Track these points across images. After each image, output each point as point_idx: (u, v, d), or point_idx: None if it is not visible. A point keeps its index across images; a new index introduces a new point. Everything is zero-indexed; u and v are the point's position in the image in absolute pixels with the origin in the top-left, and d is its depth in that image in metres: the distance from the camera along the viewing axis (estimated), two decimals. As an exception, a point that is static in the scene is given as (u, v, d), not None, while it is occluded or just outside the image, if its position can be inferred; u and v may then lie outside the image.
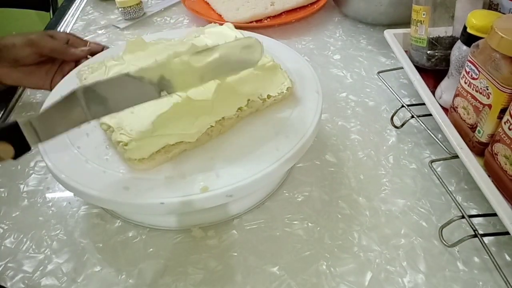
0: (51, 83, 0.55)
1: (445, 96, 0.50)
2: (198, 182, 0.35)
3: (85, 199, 0.41)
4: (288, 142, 0.38)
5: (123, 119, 0.38)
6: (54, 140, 0.32)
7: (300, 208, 0.43)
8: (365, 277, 0.37)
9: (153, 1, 0.87)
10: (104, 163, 0.37)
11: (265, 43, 0.51)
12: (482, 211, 0.42)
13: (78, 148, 0.38)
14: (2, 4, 1.12)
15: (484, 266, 0.38)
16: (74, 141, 0.39)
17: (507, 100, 0.39)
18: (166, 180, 0.35)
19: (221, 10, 0.77)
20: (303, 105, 0.43)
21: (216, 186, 0.34)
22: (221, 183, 0.35)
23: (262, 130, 0.40)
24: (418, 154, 0.49)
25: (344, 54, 0.68)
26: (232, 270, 0.38)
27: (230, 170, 0.36)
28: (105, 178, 0.36)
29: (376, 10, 0.70)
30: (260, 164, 0.36)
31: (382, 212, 0.43)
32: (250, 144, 0.38)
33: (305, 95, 0.44)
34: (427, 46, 0.54)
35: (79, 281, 0.38)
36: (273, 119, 0.41)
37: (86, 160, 0.37)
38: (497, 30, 0.37)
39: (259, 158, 0.37)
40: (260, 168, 0.36)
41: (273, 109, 0.42)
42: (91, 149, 0.38)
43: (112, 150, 0.38)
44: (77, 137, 0.39)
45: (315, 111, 0.42)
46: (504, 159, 0.39)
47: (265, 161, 0.36)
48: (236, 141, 0.39)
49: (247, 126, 0.40)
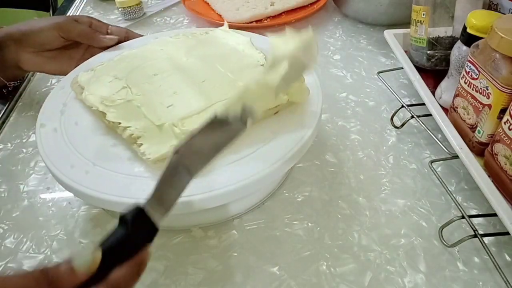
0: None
1: (445, 96, 0.50)
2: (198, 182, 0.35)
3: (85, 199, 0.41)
4: (288, 142, 0.38)
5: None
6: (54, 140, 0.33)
7: (300, 208, 0.43)
8: (365, 277, 0.37)
9: (153, 1, 0.87)
10: (104, 163, 0.37)
11: (265, 43, 0.52)
12: (482, 211, 0.42)
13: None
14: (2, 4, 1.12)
15: (484, 266, 0.38)
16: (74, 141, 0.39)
17: (507, 100, 0.39)
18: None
19: (221, 10, 0.77)
20: (303, 105, 0.43)
21: (216, 187, 0.34)
22: (221, 183, 0.35)
23: (262, 131, 0.40)
24: (418, 154, 0.49)
25: (344, 54, 0.68)
26: (232, 270, 0.38)
27: (230, 170, 0.36)
28: (105, 178, 0.36)
29: (376, 10, 0.70)
30: (260, 165, 0.36)
31: (382, 212, 0.43)
32: (250, 144, 0.38)
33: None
34: (427, 46, 0.54)
35: (79, 281, 0.37)
36: (272, 119, 0.41)
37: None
38: (497, 30, 0.37)
39: (259, 158, 0.37)
40: (260, 168, 0.36)
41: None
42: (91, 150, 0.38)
43: (112, 150, 0.38)
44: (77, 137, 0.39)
45: (315, 111, 0.42)
46: (504, 159, 0.39)
47: (265, 161, 0.36)
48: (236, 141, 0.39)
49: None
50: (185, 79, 0.43)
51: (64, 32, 0.52)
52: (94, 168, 0.36)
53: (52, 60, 0.54)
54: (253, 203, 0.43)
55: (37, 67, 0.55)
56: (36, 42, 0.52)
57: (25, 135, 0.54)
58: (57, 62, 0.54)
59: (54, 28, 0.52)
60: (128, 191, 0.35)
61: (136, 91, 0.42)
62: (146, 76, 0.44)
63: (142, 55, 0.48)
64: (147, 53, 0.49)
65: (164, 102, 0.40)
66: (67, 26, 0.52)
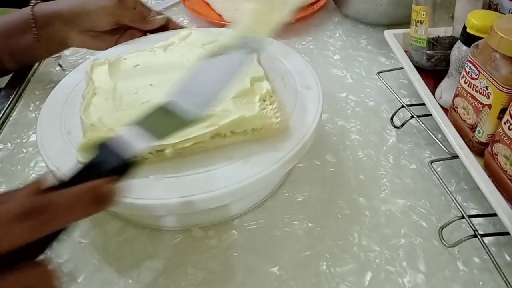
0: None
1: (445, 96, 0.50)
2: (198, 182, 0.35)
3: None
4: (288, 142, 0.38)
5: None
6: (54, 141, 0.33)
7: (300, 208, 0.43)
8: (365, 277, 0.37)
9: (153, 1, 0.87)
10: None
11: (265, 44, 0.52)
12: (482, 211, 0.42)
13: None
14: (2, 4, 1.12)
15: (484, 266, 0.38)
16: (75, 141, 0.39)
17: (507, 100, 0.39)
18: (167, 181, 0.35)
19: (221, 10, 0.77)
20: (303, 105, 0.43)
21: (216, 187, 0.34)
22: (221, 184, 0.35)
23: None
24: (418, 154, 0.49)
25: (344, 54, 0.68)
26: (232, 270, 0.38)
27: (230, 171, 0.36)
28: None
29: (376, 10, 0.70)
30: (260, 165, 0.36)
31: (382, 212, 0.43)
32: (250, 145, 0.38)
33: (304, 95, 0.44)
34: (427, 46, 0.54)
35: (79, 281, 0.37)
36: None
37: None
38: (497, 30, 0.37)
39: (259, 159, 0.37)
40: (260, 169, 0.36)
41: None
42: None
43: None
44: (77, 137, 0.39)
45: (315, 111, 0.42)
46: (504, 159, 0.39)
47: (265, 162, 0.36)
48: (236, 141, 0.39)
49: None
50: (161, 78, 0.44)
51: (116, 18, 0.54)
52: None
53: (96, 39, 0.56)
54: (253, 203, 0.43)
55: (83, 44, 0.57)
56: (87, 24, 0.54)
57: (25, 135, 0.54)
58: (100, 40, 0.56)
59: (106, 13, 0.54)
60: (128, 190, 0.35)
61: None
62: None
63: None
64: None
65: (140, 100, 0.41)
66: (119, 12, 0.54)
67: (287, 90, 0.45)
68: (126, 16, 0.55)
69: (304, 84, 0.45)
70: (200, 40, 0.50)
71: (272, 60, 0.48)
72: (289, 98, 0.43)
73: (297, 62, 0.49)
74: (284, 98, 0.43)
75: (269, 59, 0.48)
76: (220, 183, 0.35)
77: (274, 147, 0.38)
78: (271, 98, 0.41)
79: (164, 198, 0.34)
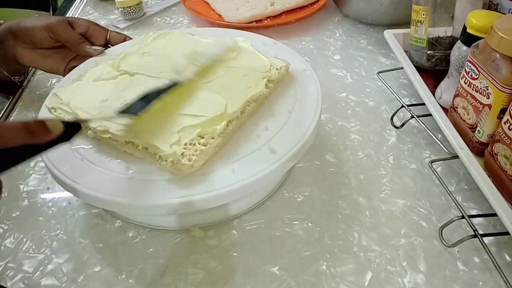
0: (65, 68, 0.55)
1: (445, 96, 0.50)
2: (198, 182, 0.35)
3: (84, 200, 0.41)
4: (287, 142, 0.38)
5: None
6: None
7: (300, 208, 0.43)
8: (365, 277, 0.37)
9: (153, 1, 0.87)
10: (104, 164, 0.37)
11: (265, 43, 0.52)
12: (482, 211, 0.42)
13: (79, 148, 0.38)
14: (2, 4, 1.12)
15: (484, 266, 0.38)
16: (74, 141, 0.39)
17: (507, 100, 0.39)
18: (167, 181, 0.35)
19: (221, 10, 0.77)
20: (303, 105, 0.43)
21: (216, 187, 0.34)
22: (221, 184, 0.35)
23: (262, 131, 0.40)
24: (418, 154, 0.49)
25: (344, 54, 0.68)
26: (232, 270, 0.38)
27: (230, 170, 0.36)
28: (105, 179, 0.36)
29: (376, 10, 0.70)
30: (260, 165, 0.36)
31: (382, 212, 0.43)
32: (250, 145, 0.38)
33: (304, 95, 0.44)
34: (427, 46, 0.54)
35: (79, 281, 0.38)
36: (272, 119, 0.41)
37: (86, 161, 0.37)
38: (497, 30, 0.37)
39: (259, 158, 0.37)
40: (260, 168, 0.36)
41: (272, 109, 0.42)
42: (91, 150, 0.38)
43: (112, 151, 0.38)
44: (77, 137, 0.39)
45: (314, 111, 0.42)
46: (504, 159, 0.39)
47: (265, 161, 0.36)
48: (235, 141, 0.39)
49: (247, 127, 0.40)
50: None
51: (53, 34, 0.53)
52: (94, 168, 0.37)
53: (46, 58, 0.55)
54: (253, 203, 0.43)
55: (32, 63, 0.56)
56: (28, 40, 0.53)
57: (25, 135, 0.53)
58: (51, 60, 0.55)
59: (45, 28, 0.52)
60: (128, 191, 0.35)
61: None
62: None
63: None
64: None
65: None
66: (57, 29, 0.53)
67: (287, 89, 0.45)
68: (62, 35, 0.53)
69: (304, 84, 0.45)
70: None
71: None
72: (289, 98, 0.43)
73: (296, 61, 0.49)
74: (284, 97, 0.43)
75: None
76: (220, 183, 0.35)
77: (274, 146, 0.38)
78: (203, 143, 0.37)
79: (164, 198, 0.34)
